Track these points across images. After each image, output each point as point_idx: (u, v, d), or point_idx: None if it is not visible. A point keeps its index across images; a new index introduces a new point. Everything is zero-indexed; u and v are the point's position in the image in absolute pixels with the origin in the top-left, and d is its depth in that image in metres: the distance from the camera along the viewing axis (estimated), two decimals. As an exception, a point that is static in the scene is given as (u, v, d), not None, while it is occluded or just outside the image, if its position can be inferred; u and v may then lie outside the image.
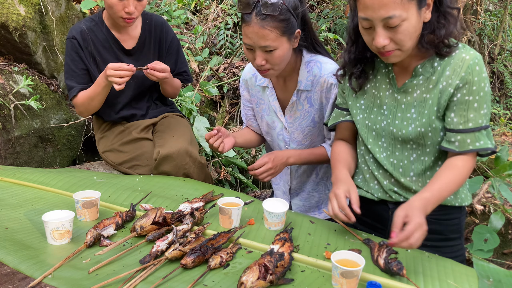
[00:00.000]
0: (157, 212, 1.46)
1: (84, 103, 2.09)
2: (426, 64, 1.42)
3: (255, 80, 1.95)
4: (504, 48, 5.98)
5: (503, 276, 1.33)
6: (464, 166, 1.39)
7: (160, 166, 2.00)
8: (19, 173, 1.89)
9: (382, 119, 1.51)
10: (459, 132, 1.38)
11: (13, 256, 1.26)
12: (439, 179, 1.37)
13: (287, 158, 1.80)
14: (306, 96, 1.82)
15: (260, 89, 1.94)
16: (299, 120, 1.87)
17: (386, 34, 1.31)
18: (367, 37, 1.37)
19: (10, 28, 2.54)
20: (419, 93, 1.43)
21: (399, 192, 1.52)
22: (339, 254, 1.24)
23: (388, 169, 1.52)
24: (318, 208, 2.05)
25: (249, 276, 1.15)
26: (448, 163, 1.41)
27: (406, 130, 1.45)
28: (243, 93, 2.03)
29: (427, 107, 1.42)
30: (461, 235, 1.60)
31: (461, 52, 1.38)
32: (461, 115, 1.37)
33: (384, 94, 1.50)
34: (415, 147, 1.46)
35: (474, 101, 1.36)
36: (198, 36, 4.01)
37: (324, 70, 1.77)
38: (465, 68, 1.35)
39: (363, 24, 1.34)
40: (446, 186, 1.36)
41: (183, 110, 2.92)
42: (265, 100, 1.93)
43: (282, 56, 1.64)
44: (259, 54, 1.63)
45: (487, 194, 2.60)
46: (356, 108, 1.58)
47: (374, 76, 1.54)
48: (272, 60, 1.63)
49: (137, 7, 2.00)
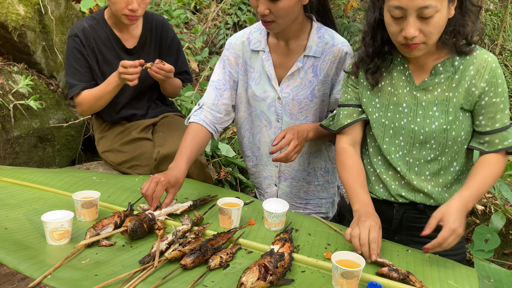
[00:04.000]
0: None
1: (90, 101, 2.08)
2: (446, 63, 1.42)
3: (248, 44, 1.79)
4: (505, 48, 5.98)
5: (504, 277, 1.33)
6: (497, 162, 1.42)
7: (160, 166, 1.99)
8: (18, 173, 1.89)
9: (401, 117, 1.48)
10: (487, 134, 1.42)
11: (13, 256, 1.26)
12: (476, 176, 1.40)
13: (308, 132, 1.67)
14: (313, 64, 1.73)
15: (252, 55, 1.79)
16: (297, 89, 1.74)
17: (417, 25, 1.30)
18: (394, 27, 1.34)
19: (10, 27, 2.53)
20: (440, 91, 1.43)
21: (406, 197, 1.51)
22: (339, 254, 1.23)
23: (402, 170, 1.49)
24: (305, 204, 1.95)
25: (249, 276, 1.15)
26: (481, 160, 1.44)
27: (429, 128, 1.44)
28: (228, 57, 1.82)
29: (451, 105, 1.42)
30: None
31: (482, 53, 1.39)
32: (489, 118, 1.41)
33: (402, 91, 1.48)
34: (435, 146, 1.45)
35: (500, 103, 1.40)
36: (198, 36, 4.00)
37: (337, 39, 1.71)
38: (488, 70, 1.38)
39: (394, 13, 1.31)
40: (484, 182, 1.39)
41: (183, 110, 2.92)
42: (257, 67, 1.78)
43: (287, 8, 1.56)
44: (263, 1, 1.54)
45: (487, 194, 2.60)
46: (371, 106, 1.54)
47: (389, 73, 1.51)
48: (277, 10, 1.55)
49: (140, 5, 2.00)
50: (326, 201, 1.97)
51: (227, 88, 1.83)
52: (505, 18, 5.63)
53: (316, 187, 1.93)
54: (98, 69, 2.13)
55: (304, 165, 1.89)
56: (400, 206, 1.54)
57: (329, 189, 1.96)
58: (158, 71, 1.97)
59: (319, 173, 1.92)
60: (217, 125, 1.82)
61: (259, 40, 1.78)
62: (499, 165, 1.43)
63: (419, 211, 1.52)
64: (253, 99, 1.82)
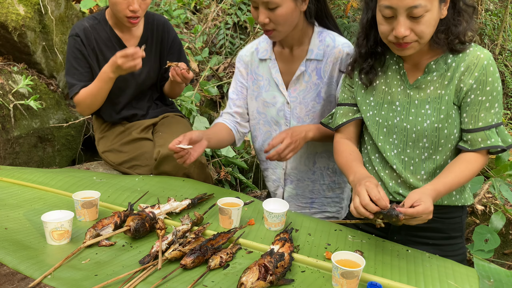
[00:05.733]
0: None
1: (87, 100, 2.08)
2: (439, 61, 1.42)
3: (256, 54, 1.90)
4: (505, 48, 5.98)
5: (504, 277, 1.33)
6: (476, 161, 1.41)
7: (161, 166, 1.99)
8: (19, 173, 1.89)
9: (394, 115, 1.49)
10: (469, 132, 1.41)
11: (13, 256, 1.26)
12: (451, 172, 1.39)
13: (306, 132, 1.72)
14: (316, 67, 1.78)
15: (260, 64, 1.89)
16: (304, 93, 1.81)
17: (408, 24, 1.31)
18: (386, 27, 1.36)
19: (10, 27, 2.53)
20: (433, 89, 1.44)
21: (404, 194, 1.51)
22: (339, 254, 1.23)
23: (397, 168, 1.50)
24: (310, 203, 1.97)
25: (249, 276, 1.15)
26: (460, 157, 1.43)
27: (421, 126, 1.44)
28: (239, 69, 1.95)
29: (443, 103, 1.42)
30: (462, 234, 1.61)
31: (475, 50, 1.39)
32: (472, 115, 1.40)
33: (396, 90, 1.49)
34: (428, 145, 1.45)
35: (486, 101, 1.38)
36: (198, 36, 4.00)
37: (338, 41, 1.76)
38: (479, 67, 1.37)
39: (385, 13, 1.33)
40: (457, 179, 1.38)
41: (183, 110, 2.92)
42: (265, 74, 1.88)
43: (285, 16, 1.63)
44: (262, 11, 1.63)
45: (487, 194, 2.60)
46: (365, 104, 1.56)
47: (384, 73, 1.53)
48: (275, 18, 1.62)
49: (141, 5, 2.00)
50: (332, 200, 1.99)
51: (240, 97, 1.96)
52: (505, 18, 5.63)
53: (321, 186, 1.95)
54: (99, 69, 2.13)
55: (309, 165, 1.92)
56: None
57: (336, 189, 1.98)
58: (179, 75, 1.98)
59: (326, 173, 1.94)
60: (239, 128, 1.97)
61: (266, 49, 1.88)
62: (477, 164, 1.41)
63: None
64: (263, 106, 1.91)
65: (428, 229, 1.53)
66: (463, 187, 1.54)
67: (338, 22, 4.11)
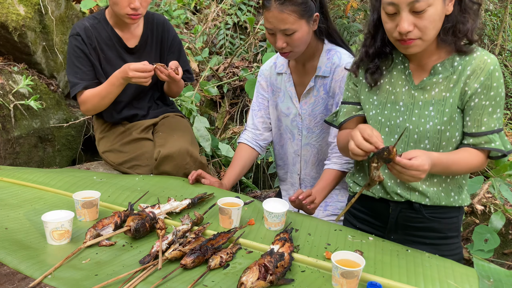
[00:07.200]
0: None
1: (94, 100, 2.08)
2: (445, 63, 1.42)
3: (274, 68, 2.04)
4: (505, 48, 5.98)
5: (503, 276, 1.33)
6: (476, 156, 1.42)
7: (161, 166, 2.00)
8: (19, 173, 1.89)
9: (397, 115, 1.49)
10: (472, 136, 1.42)
11: (13, 256, 1.26)
12: (455, 154, 1.40)
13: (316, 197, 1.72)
14: (323, 82, 1.89)
15: (277, 77, 2.03)
16: (313, 106, 1.93)
17: (411, 20, 1.31)
18: (390, 24, 1.36)
19: (10, 28, 2.53)
20: (438, 91, 1.43)
21: (401, 194, 1.51)
22: (339, 254, 1.23)
23: None
24: (324, 206, 2.03)
25: (249, 276, 1.15)
26: (464, 147, 1.44)
27: (424, 128, 1.44)
28: (260, 82, 2.09)
29: (447, 106, 1.42)
30: (458, 234, 1.61)
31: (482, 55, 1.39)
32: (475, 119, 1.40)
33: (400, 90, 1.49)
34: (429, 147, 1.45)
35: (490, 106, 1.39)
36: (198, 36, 4.01)
37: (343, 60, 1.84)
38: (485, 72, 1.37)
39: (388, 10, 1.33)
40: (457, 162, 1.39)
41: (183, 110, 2.93)
42: (282, 87, 2.01)
43: (302, 38, 1.74)
44: (280, 37, 1.73)
45: (487, 194, 2.60)
46: (369, 103, 1.56)
47: (389, 72, 1.52)
48: (292, 42, 1.73)
49: (142, 3, 2.00)
50: (345, 204, 2.02)
51: (261, 108, 2.11)
52: (504, 18, 5.63)
53: (334, 190, 2.01)
54: (101, 67, 2.13)
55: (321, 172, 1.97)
56: (396, 205, 1.54)
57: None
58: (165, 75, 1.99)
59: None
60: (259, 141, 2.11)
61: (282, 64, 2.03)
62: (477, 159, 1.41)
63: (414, 210, 1.52)
64: (281, 115, 2.06)
65: (425, 228, 1.54)
66: (461, 188, 1.54)
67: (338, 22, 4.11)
